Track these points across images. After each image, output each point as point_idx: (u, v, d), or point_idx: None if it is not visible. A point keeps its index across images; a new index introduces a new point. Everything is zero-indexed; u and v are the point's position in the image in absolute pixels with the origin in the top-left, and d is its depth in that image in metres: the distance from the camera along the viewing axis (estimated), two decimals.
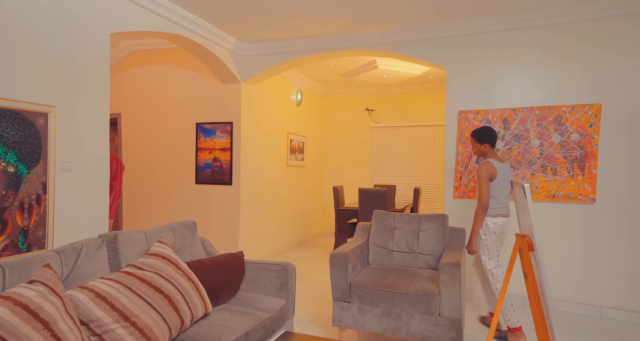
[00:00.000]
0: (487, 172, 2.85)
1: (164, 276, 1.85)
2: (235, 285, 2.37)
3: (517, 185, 1.90)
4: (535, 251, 1.51)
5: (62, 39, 2.52)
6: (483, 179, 2.84)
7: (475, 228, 2.89)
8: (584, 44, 3.40)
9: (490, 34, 3.71)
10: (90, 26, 2.72)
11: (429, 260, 3.16)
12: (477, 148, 3.03)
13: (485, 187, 2.83)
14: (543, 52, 3.54)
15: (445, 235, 3.19)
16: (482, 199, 2.84)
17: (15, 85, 2.25)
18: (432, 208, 6.83)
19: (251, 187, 4.95)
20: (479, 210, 2.85)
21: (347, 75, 6.14)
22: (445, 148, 3.86)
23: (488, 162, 2.88)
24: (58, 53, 2.49)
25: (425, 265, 3.16)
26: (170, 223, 2.41)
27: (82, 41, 2.65)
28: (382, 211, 3.46)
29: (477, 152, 3.05)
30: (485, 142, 2.97)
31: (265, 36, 4.25)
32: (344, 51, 4.30)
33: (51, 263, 1.61)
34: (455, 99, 3.84)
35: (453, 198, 3.83)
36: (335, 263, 2.87)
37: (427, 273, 2.99)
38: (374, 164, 7.20)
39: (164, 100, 4.97)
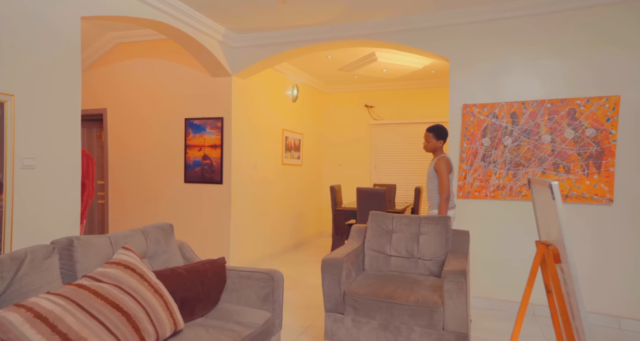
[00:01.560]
0: (447, 166, 3.12)
1: (124, 290, 1.60)
2: (214, 296, 2.12)
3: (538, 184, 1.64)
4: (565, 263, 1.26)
5: (24, 21, 2.27)
6: (444, 172, 3.10)
7: None
8: (599, 31, 3.14)
9: (496, 21, 3.45)
10: (58, 7, 2.46)
11: (430, 266, 2.90)
12: (433, 144, 3.23)
13: (447, 178, 3.10)
14: (554, 40, 3.27)
15: (448, 239, 2.93)
16: (445, 191, 3.09)
17: None
18: None
19: (243, 186, 4.69)
20: (443, 201, 3.10)
21: (345, 70, 5.88)
22: (449, 146, 3.60)
23: (446, 157, 3.16)
24: (17, 37, 2.24)
25: (426, 272, 2.91)
26: (143, 226, 2.16)
27: (48, 24, 2.40)
28: (378, 212, 3.20)
29: (431, 147, 3.25)
30: (441, 139, 3.22)
31: (255, 25, 4.00)
32: (339, 41, 4.04)
33: None
34: (459, 92, 3.58)
35: (457, 198, 3.57)
36: (328, 271, 2.61)
37: (429, 280, 2.73)
38: (373, 163, 6.94)
39: (151, 95, 4.71)
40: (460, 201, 3.57)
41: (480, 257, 3.53)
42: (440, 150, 3.23)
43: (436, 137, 3.20)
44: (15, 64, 2.22)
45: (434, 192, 3.18)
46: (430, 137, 3.22)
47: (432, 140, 3.21)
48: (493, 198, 3.44)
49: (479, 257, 3.54)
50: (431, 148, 3.24)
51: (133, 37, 4.65)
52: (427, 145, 3.25)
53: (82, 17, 2.63)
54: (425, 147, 3.27)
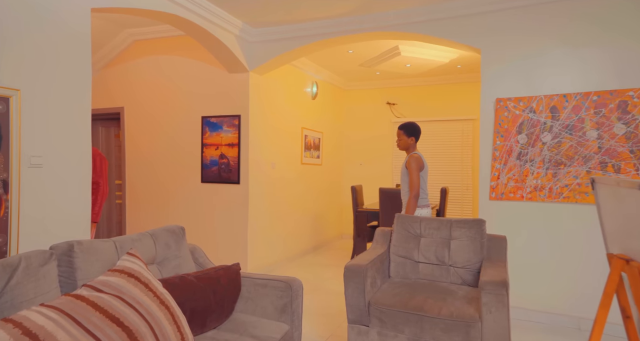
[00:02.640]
0: (417, 163, 3.10)
1: (126, 301, 1.44)
2: (228, 306, 1.95)
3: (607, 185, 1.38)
4: None
5: (31, 12, 2.15)
6: (415, 169, 3.09)
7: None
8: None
9: (533, 7, 3.17)
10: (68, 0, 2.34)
11: (463, 275, 2.65)
12: (404, 141, 3.23)
13: (417, 176, 3.08)
14: (601, 26, 2.97)
15: (483, 244, 2.68)
16: (414, 189, 3.07)
17: None
18: (460, 210, 6.26)
19: (261, 186, 4.53)
20: (412, 198, 3.08)
21: (367, 65, 5.65)
22: (480, 143, 3.34)
23: (417, 154, 3.14)
24: (24, 29, 2.12)
25: (458, 280, 2.66)
26: (152, 230, 2.01)
27: (57, 16, 2.28)
28: (405, 215, 2.97)
29: (402, 144, 3.25)
30: (413, 136, 3.21)
31: (273, 18, 3.82)
32: (361, 34, 3.83)
33: None
34: (491, 86, 3.31)
35: (489, 200, 3.30)
36: (351, 278, 2.41)
37: (462, 290, 2.49)
38: (395, 162, 6.68)
39: (168, 92, 4.61)
40: (493, 203, 3.30)
41: (515, 263, 3.25)
42: (413, 148, 3.24)
43: (407, 134, 3.21)
44: (20, 57, 2.11)
45: (406, 190, 3.19)
46: (401, 135, 3.24)
47: (403, 137, 3.23)
48: (530, 199, 3.16)
49: (514, 263, 3.26)
50: (403, 146, 3.26)
51: (149, 34, 4.56)
52: (399, 143, 3.27)
53: (92, 9, 2.51)
54: (398, 144, 3.29)
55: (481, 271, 2.36)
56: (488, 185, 3.30)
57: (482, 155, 3.34)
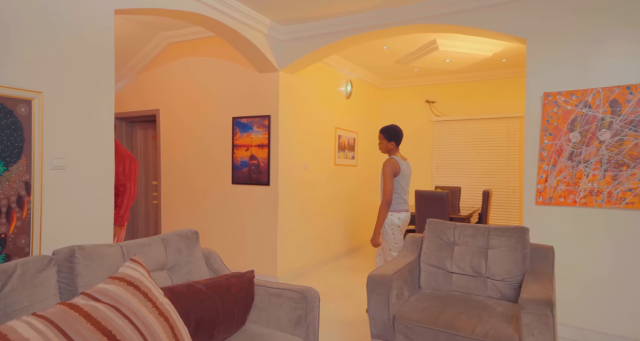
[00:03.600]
0: (392, 168, 3.04)
1: (122, 312, 1.36)
2: (238, 317, 1.84)
3: None
4: None
5: (53, 14, 2.17)
6: (388, 175, 3.03)
7: (380, 221, 3.06)
8: None
9: None
10: (91, 1, 2.35)
11: (502, 288, 2.38)
12: (384, 145, 3.20)
13: (390, 182, 3.03)
14: None
15: (526, 255, 2.39)
16: (386, 194, 3.03)
17: None
18: (505, 214, 5.82)
19: (291, 188, 4.44)
20: (383, 204, 3.04)
21: (403, 62, 5.39)
22: (525, 142, 3.01)
23: (393, 159, 3.09)
24: (47, 31, 2.15)
25: (497, 295, 2.40)
26: (164, 234, 1.95)
27: (80, 17, 2.30)
28: (437, 220, 2.74)
29: (383, 148, 3.22)
30: (393, 141, 3.17)
31: (302, 14, 3.71)
32: (395, 28, 3.61)
33: None
34: (539, 79, 2.98)
35: (536, 205, 2.97)
36: (374, 289, 2.23)
37: (501, 306, 2.22)
38: (435, 163, 6.35)
39: (200, 93, 4.64)
40: (540, 208, 2.96)
41: (567, 277, 2.90)
42: (393, 152, 3.21)
43: (387, 138, 3.18)
44: (43, 59, 2.13)
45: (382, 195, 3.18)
46: (382, 138, 3.22)
47: (383, 141, 3.21)
48: (584, 205, 2.80)
49: (565, 276, 2.91)
50: (384, 150, 3.24)
51: (182, 36, 4.61)
52: (380, 146, 3.26)
53: (115, 10, 2.52)
54: (379, 147, 3.27)
55: (523, 286, 2.09)
56: (534, 188, 2.97)
57: (527, 156, 3.02)
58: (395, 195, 3.11)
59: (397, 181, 3.11)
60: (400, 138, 3.19)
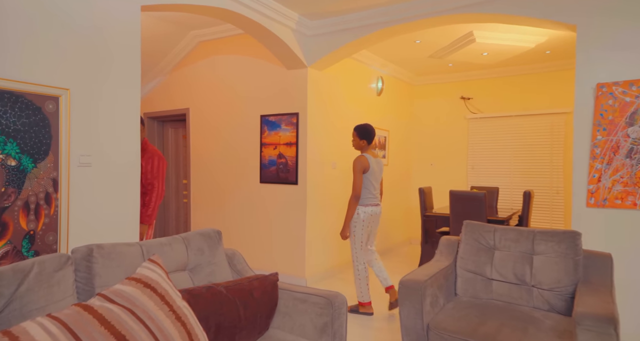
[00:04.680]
0: (361, 165, 3.20)
1: (137, 316, 1.29)
2: (261, 322, 1.75)
3: None
4: None
5: (80, 11, 2.17)
6: (357, 171, 3.19)
7: (349, 215, 3.21)
8: None
9: None
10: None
11: (550, 299, 2.16)
12: (357, 142, 3.33)
13: (359, 178, 3.18)
14: None
15: (578, 263, 2.16)
16: (355, 189, 3.17)
17: (17, 62, 1.92)
18: (548, 217, 5.46)
19: (320, 187, 4.33)
20: (352, 199, 3.19)
21: (437, 56, 5.16)
22: (574, 139, 2.75)
23: (363, 156, 3.24)
24: (74, 28, 2.14)
25: (544, 306, 2.18)
26: (186, 233, 1.89)
27: (106, 14, 2.29)
28: (475, 222, 2.54)
29: (356, 145, 3.35)
30: (364, 139, 3.30)
31: (331, 7, 3.59)
32: (430, 19, 3.42)
33: None
34: (591, 69, 2.71)
35: (587, 207, 2.71)
36: (407, 296, 2.07)
37: (550, 319, 2.01)
38: (470, 162, 6.06)
39: (229, 92, 4.62)
40: (593, 211, 2.69)
41: (625, 286, 2.62)
42: (364, 149, 3.32)
43: (359, 136, 3.30)
44: (70, 56, 2.13)
45: None
46: (355, 136, 3.34)
47: (356, 139, 3.33)
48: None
49: (623, 285, 2.63)
50: (357, 147, 3.36)
51: (212, 35, 4.61)
52: (353, 143, 3.38)
53: (142, 6, 2.50)
54: (352, 144, 3.39)
55: (576, 298, 1.88)
56: (585, 189, 2.71)
57: (576, 154, 2.75)
58: (364, 191, 3.26)
59: (367, 177, 3.26)
60: (372, 137, 3.33)
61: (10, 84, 1.89)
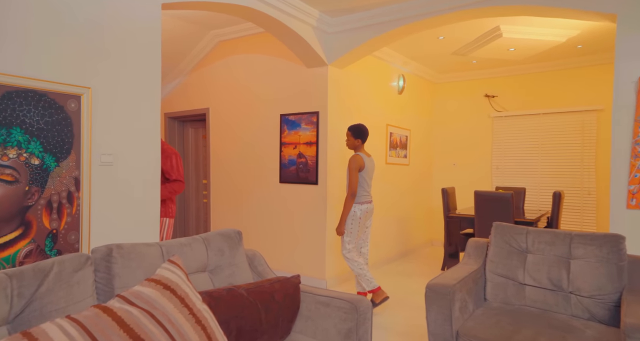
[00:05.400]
0: (357, 164, 3.26)
1: (156, 318, 1.25)
2: (283, 326, 1.68)
3: None
4: None
5: (101, 10, 2.16)
6: (353, 169, 3.26)
7: (346, 213, 3.28)
8: None
9: None
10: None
11: (591, 307, 2.02)
12: (351, 142, 3.38)
13: (355, 176, 3.25)
14: None
15: (622, 269, 2.01)
16: (352, 187, 3.25)
17: (40, 62, 1.92)
18: (579, 219, 5.22)
19: (341, 187, 4.25)
20: (348, 197, 3.26)
21: (461, 52, 5.01)
22: (612, 136, 2.59)
23: (358, 155, 3.30)
24: (95, 26, 2.14)
25: (584, 314, 2.04)
26: (206, 234, 1.84)
27: (127, 13, 2.27)
28: (506, 224, 2.41)
29: (350, 145, 3.40)
30: (359, 138, 3.36)
31: (353, 4, 3.51)
32: (453, 13, 3.30)
33: None
34: (633, 61, 2.54)
35: (627, 209, 2.54)
36: (434, 301, 1.97)
37: (591, 328, 1.88)
38: (495, 162, 5.86)
39: (248, 91, 4.60)
40: (633, 213, 2.52)
41: None
42: (359, 148, 3.38)
43: (354, 135, 3.36)
44: (92, 55, 2.12)
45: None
46: (349, 136, 3.39)
47: (350, 138, 3.38)
48: None
49: None
50: (351, 146, 3.41)
51: (232, 34, 4.60)
52: (347, 143, 3.42)
53: (163, 4, 2.48)
54: (346, 144, 3.43)
55: (623, 307, 1.74)
56: (625, 189, 2.54)
57: (615, 152, 2.59)
58: (359, 189, 3.33)
59: (362, 175, 3.33)
60: (366, 137, 3.38)
61: (33, 83, 1.89)
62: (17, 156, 1.86)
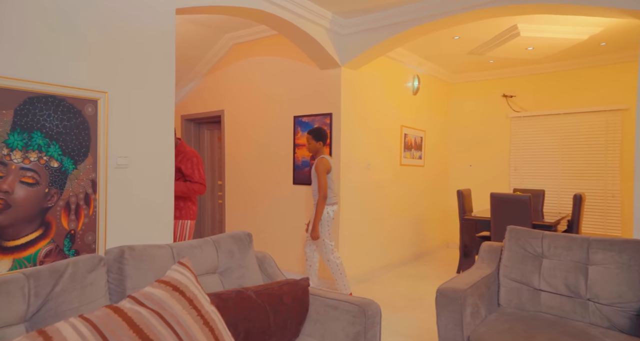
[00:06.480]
0: (325, 166, 3.32)
1: (165, 320, 1.27)
2: (291, 328, 1.69)
3: None
4: None
5: (117, 16, 2.22)
6: (322, 172, 3.31)
7: (318, 216, 3.31)
8: None
9: None
10: (153, 0, 2.38)
11: (610, 315, 1.96)
12: (313, 145, 3.43)
13: (325, 179, 3.32)
14: None
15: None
16: (323, 190, 3.30)
17: (59, 67, 1.99)
18: (602, 223, 5.07)
19: (354, 189, 4.24)
20: (320, 199, 3.31)
21: (477, 52, 4.93)
22: (636, 137, 2.51)
23: (324, 158, 3.36)
24: (111, 31, 2.19)
25: (603, 322, 1.98)
26: (216, 236, 1.87)
27: (142, 17, 2.33)
28: (520, 228, 2.37)
29: (312, 148, 3.45)
30: (320, 141, 3.42)
31: (366, 5, 3.50)
32: (469, 13, 3.25)
33: (10, 292, 1.17)
34: None
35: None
36: (445, 305, 1.95)
37: (610, 337, 1.82)
38: (513, 163, 5.75)
39: (262, 93, 4.64)
40: None
41: None
42: (322, 152, 3.44)
43: (315, 139, 3.40)
44: (108, 60, 2.18)
45: (316, 191, 3.38)
46: (310, 139, 3.43)
47: (312, 142, 3.42)
48: None
49: None
50: (312, 150, 3.45)
51: (245, 37, 4.64)
52: (308, 147, 3.46)
53: (177, 9, 2.53)
54: (307, 148, 3.48)
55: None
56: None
57: (639, 152, 2.50)
58: (328, 191, 3.38)
59: (329, 177, 3.38)
60: (327, 139, 3.46)
61: (53, 88, 1.95)
62: (37, 159, 1.93)
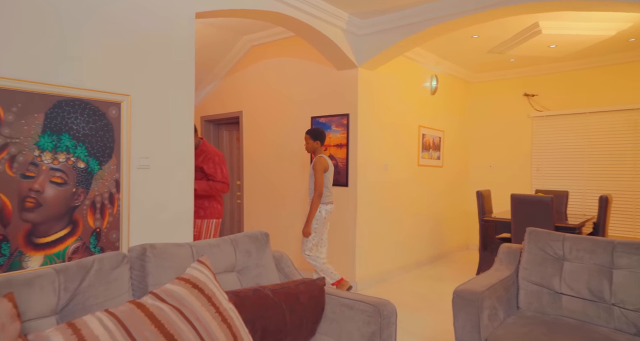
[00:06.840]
0: (322, 165, 3.38)
1: (185, 316, 1.32)
2: (307, 327, 1.72)
3: None
4: None
5: (139, 20, 2.29)
6: (319, 171, 3.36)
7: (312, 213, 3.37)
8: None
9: None
10: (173, 4, 2.44)
11: (637, 321, 1.91)
12: (311, 144, 3.49)
13: (321, 177, 3.36)
14: None
15: None
16: (318, 188, 3.35)
17: (84, 72, 2.07)
18: (630, 225, 4.91)
19: (371, 189, 4.24)
20: (315, 197, 3.37)
21: (497, 51, 4.85)
22: None
23: (322, 157, 3.42)
24: (133, 36, 2.27)
25: (629, 328, 1.93)
26: (234, 235, 1.91)
27: (163, 22, 2.39)
28: (540, 230, 2.32)
29: (310, 148, 3.50)
30: (318, 140, 3.48)
31: (381, 5, 3.49)
32: (488, 11, 3.20)
33: (43, 286, 1.23)
34: None
35: None
36: (462, 307, 1.94)
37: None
38: (535, 164, 5.62)
39: (280, 94, 4.68)
40: None
41: None
42: (319, 150, 3.50)
43: (312, 138, 3.47)
44: (129, 64, 2.26)
45: (311, 190, 3.43)
46: (308, 139, 3.49)
47: (309, 141, 3.48)
48: None
49: None
50: (310, 149, 3.50)
51: (263, 39, 4.70)
52: (307, 146, 3.51)
53: (197, 13, 2.59)
54: (306, 147, 3.52)
55: None
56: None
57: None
58: (324, 189, 3.42)
59: (326, 177, 3.42)
60: (324, 139, 3.50)
61: (79, 92, 2.04)
62: (65, 160, 2.01)
